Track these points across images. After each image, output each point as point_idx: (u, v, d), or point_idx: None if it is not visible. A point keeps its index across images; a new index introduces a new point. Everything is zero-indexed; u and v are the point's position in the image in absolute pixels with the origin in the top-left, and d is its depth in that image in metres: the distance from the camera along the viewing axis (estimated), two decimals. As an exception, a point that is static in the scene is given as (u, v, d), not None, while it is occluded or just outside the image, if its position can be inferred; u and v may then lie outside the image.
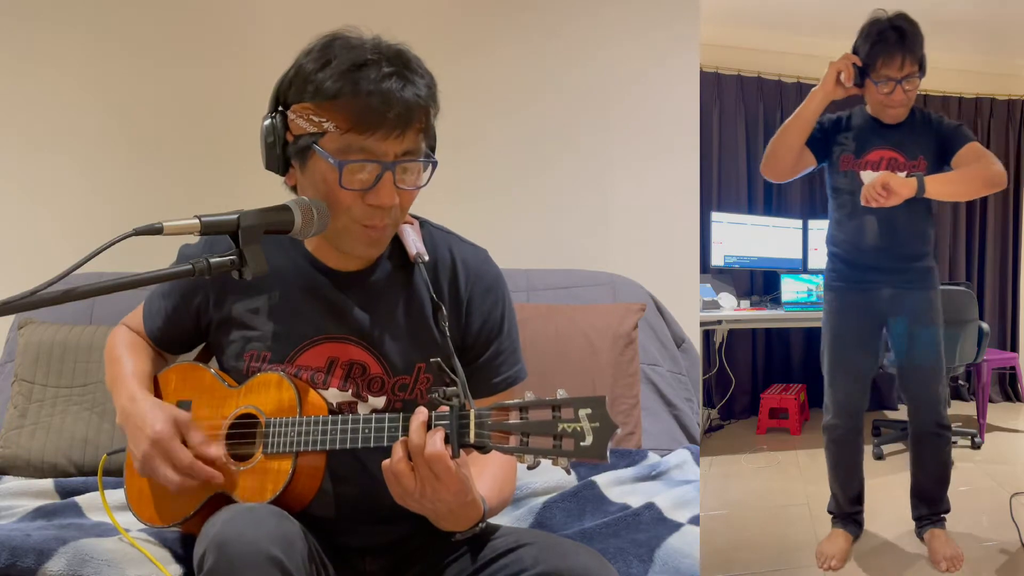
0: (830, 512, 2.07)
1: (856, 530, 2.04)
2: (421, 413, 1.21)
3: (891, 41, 1.86)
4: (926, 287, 1.98)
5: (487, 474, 1.38)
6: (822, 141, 1.97)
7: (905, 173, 1.91)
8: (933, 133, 1.96)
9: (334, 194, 1.30)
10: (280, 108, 1.34)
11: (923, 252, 1.96)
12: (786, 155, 1.93)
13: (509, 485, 1.44)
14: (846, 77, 1.88)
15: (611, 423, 1.10)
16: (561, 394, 1.12)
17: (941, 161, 1.95)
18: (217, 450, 1.37)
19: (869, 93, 1.93)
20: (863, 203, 1.82)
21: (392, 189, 1.30)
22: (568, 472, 1.13)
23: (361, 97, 1.25)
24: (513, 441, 1.14)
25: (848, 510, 2.04)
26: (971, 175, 1.85)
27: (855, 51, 1.91)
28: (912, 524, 2.07)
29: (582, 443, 1.10)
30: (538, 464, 1.12)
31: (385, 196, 1.29)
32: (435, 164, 1.35)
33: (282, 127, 1.32)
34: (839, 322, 2.00)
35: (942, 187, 1.82)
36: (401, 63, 1.29)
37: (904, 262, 1.95)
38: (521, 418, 1.14)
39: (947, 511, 2.06)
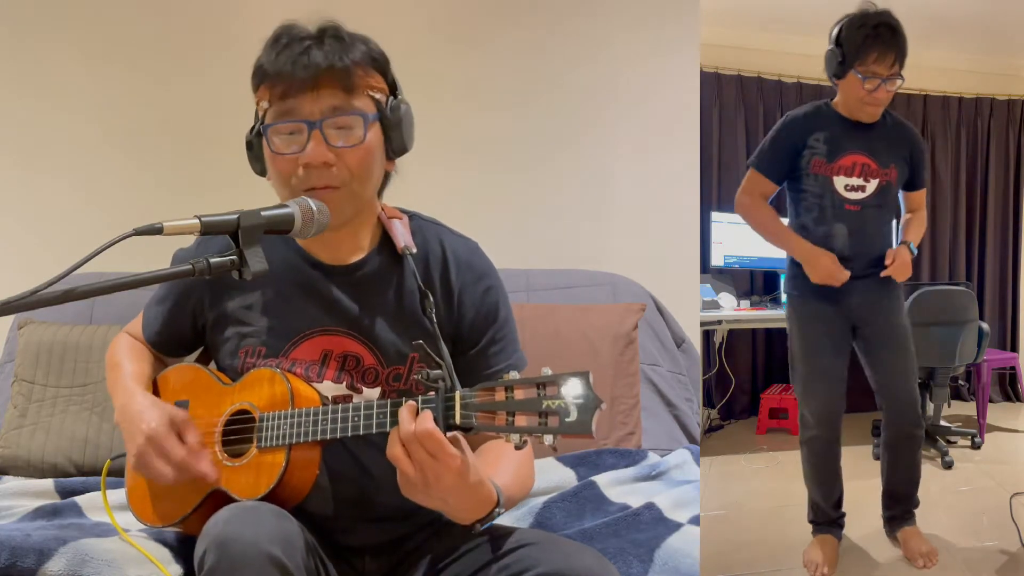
0: (811, 522, 2.02)
1: (840, 533, 2.01)
2: (409, 403, 1.21)
3: (886, 38, 1.80)
4: (892, 290, 1.95)
5: (500, 462, 1.36)
6: (784, 167, 1.91)
7: (877, 181, 1.90)
8: (907, 145, 1.95)
9: (274, 164, 1.33)
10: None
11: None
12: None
13: (526, 468, 1.41)
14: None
15: (595, 398, 1.09)
16: (546, 372, 1.12)
17: (907, 176, 1.98)
18: (210, 448, 1.38)
19: (850, 87, 1.86)
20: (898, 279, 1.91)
21: (321, 146, 1.31)
22: (554, 450, 1.13)
23: (273, 64, 1.32)
24: (499, 421, 1.13)
25: (832, 516, 2.00)
26: (922, 223, 2.04)
27: (838, 42, 1.83)
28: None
29: (567, 419, 1.09)
30: (525, 443, 1.12)
31: (312, 153, 1.31)
32: (366, 119, 1.34)
33: (257, 130, 1.37)
34: (810, 330, 1.94)
35: (917, 239, 2.02)
36: (323, 32, 1.33)
37: (872, 268, 1.92)
38: (506, 397, 1.14)
39: (916, 506, 2.05)
